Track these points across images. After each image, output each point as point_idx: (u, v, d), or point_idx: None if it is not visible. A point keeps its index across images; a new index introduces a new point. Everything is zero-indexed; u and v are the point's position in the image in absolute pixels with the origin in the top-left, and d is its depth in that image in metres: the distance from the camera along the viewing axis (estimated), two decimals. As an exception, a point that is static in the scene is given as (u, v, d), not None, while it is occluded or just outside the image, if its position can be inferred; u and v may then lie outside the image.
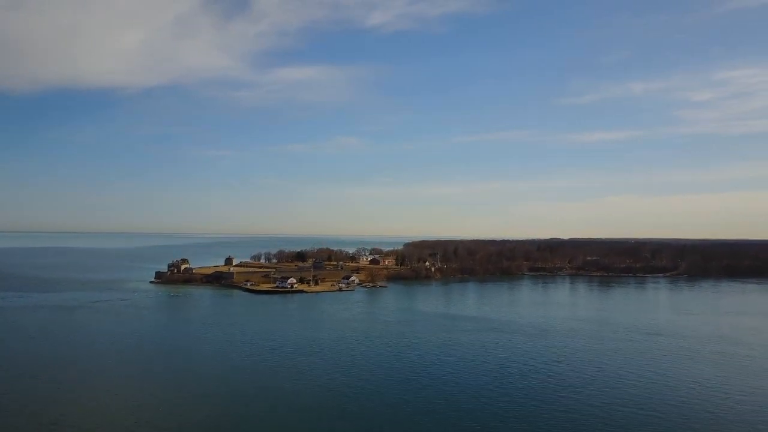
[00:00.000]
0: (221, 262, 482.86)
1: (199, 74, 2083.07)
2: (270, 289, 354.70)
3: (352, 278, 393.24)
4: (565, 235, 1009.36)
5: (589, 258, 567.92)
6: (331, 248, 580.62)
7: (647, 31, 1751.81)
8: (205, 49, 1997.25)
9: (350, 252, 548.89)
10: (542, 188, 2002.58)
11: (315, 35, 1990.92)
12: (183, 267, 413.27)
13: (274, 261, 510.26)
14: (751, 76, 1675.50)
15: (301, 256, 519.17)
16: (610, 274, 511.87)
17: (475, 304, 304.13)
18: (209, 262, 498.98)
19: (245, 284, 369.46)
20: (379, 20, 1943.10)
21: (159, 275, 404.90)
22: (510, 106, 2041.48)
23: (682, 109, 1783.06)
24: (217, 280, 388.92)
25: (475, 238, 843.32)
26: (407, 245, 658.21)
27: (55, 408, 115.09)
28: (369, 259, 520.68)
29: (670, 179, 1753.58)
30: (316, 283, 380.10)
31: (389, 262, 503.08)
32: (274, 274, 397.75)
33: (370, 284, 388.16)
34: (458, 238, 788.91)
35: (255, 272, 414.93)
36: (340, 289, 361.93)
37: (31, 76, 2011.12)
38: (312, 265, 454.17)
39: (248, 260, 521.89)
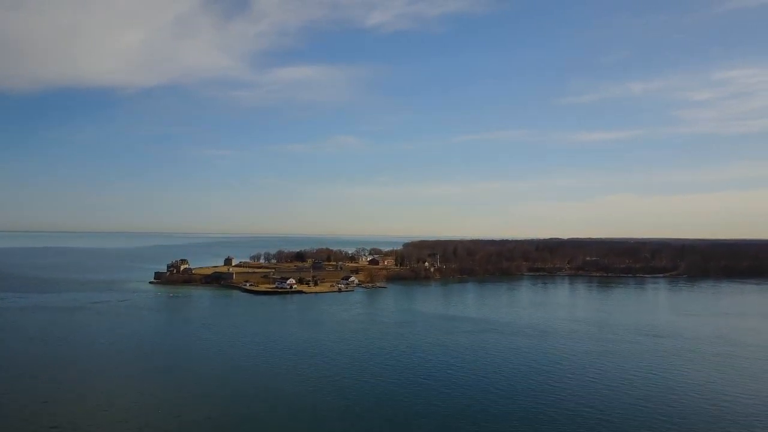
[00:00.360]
0: (221, 263, 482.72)
1: (199, 74, 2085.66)
2: (269, 289, 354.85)
3: (352, 279, 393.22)
4: (565, 235, 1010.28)
5: (588, 258, 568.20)
6: (331, 248, 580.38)
7: (646, 31, 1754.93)
8: (205, 49, 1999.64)
9: (350, 252, 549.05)
10: (542, 188, 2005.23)
11: (314, 35, 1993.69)
12: (182, 267, 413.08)
13: (274, 261, 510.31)
14: (750, 76, 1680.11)
15: (300, 257, 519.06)
16: (610, 274, 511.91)
17: (474, 305, 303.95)
18: (209, 263, 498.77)
19: (244, 285, 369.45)
20: (379, 20, 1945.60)
21: (158, 276, 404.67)
22: (510, 106, 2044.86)
23: (682, 109, 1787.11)
24: (217, 280, 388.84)
25: (474, 238, 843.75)
26: (407, 245, 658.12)
27: (56, 408, 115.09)
28: (368, 259, 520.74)
29: (670, 179, 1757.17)
30: (316, 284, 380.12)
31: (388, 262, 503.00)
32: (273, 275, 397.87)
33: (370, 285, 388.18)
34: (458, 238, 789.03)
35: (254, 273, 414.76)
36: (339, 290, 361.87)
37: (31, 76, 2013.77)
38: (311, 266, 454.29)
39: (248, 260, 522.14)
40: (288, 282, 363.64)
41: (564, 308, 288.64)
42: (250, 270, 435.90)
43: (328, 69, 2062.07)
